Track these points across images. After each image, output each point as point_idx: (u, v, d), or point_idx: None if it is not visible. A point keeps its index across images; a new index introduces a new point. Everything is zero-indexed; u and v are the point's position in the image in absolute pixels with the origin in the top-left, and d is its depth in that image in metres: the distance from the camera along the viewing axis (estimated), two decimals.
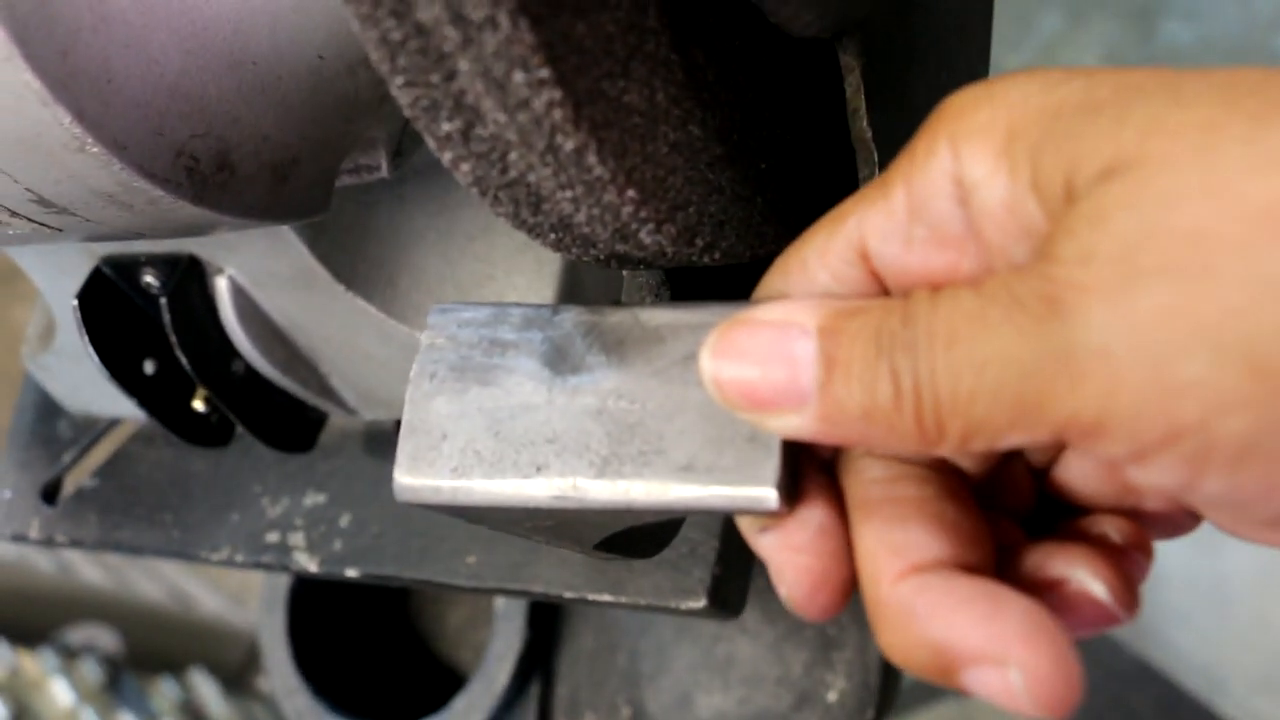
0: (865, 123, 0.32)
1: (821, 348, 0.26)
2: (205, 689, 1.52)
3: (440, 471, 0.31)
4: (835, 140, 0.34)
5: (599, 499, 0.29)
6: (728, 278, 0.38)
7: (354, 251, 0.47)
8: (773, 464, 0.28)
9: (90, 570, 1.59)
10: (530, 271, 0.48)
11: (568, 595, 0.50)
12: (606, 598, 0.49)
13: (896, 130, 0.33)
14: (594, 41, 0.27)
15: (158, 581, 1.66)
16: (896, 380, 0.25)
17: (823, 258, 0.29)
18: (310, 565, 0.54)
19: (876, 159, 0.33)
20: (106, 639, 1.47)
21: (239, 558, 0.56)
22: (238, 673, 1.59)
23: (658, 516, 0.30)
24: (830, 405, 0.26)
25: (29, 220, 0.38)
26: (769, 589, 0.67)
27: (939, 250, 0.27)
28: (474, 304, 0.32)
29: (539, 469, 0.30)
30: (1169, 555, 1.33)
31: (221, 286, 0.49)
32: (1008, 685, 0.25)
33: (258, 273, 0.48)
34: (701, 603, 0.48)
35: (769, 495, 0.28)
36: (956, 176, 0.26)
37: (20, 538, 0.61)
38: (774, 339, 0.27)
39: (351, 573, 0.54)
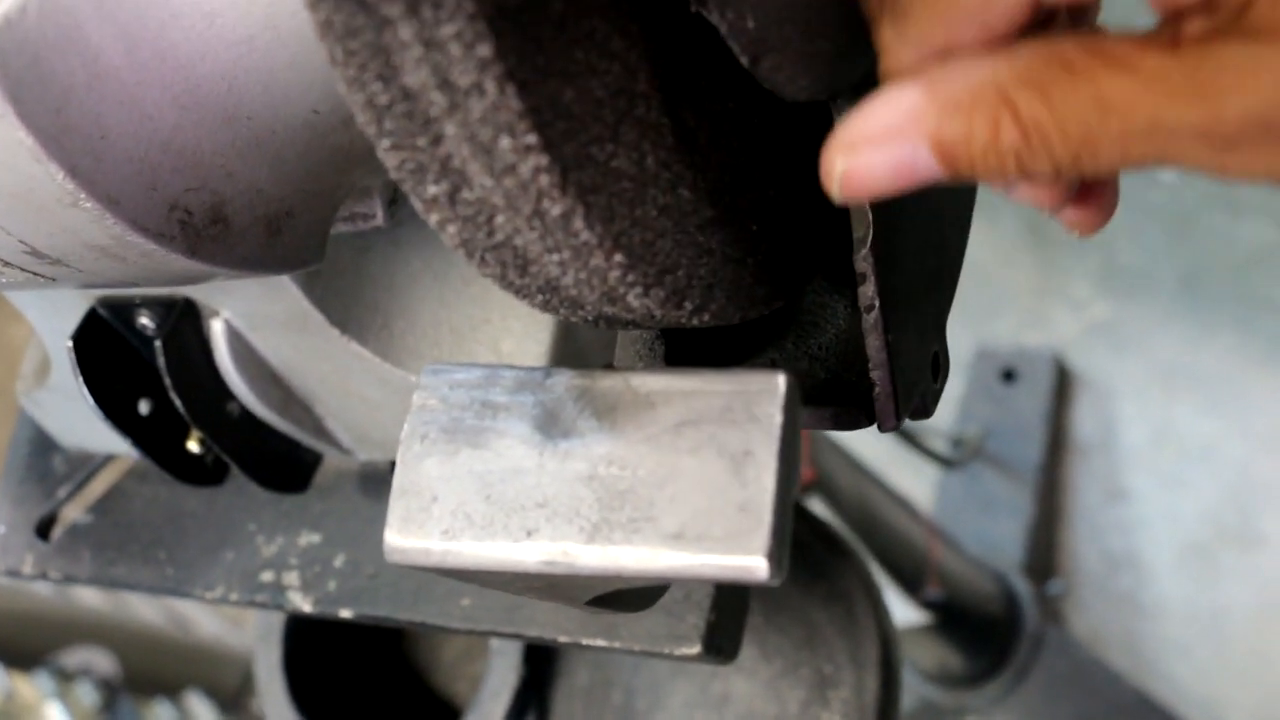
0: None
1: None
2: (201, 711, 1.51)
3: (430, 534, 0.30)
4: (828, 201, 0.34)
5: (589, 565, 0.29)
6: (723, 333, 0.38)
7: (349, 295, 0.47)
8: (763, 533, 0.28)
9: (87, 593, 1.59)
10: (526, 316, 0.48)
11: (562, 639, 0.50)
12: (600, 642, 0.49)
13: None
14: (582, 107, 0.27)
15: (155, 604, 1.66)
16: None
17: None
18: (304, 605, 0.54)
19: (870, 219, 0.33)
20: (103, 662, 1.46)
21: (233, 596, 0.56)
22: (234, 695, 1.59)
23: (647, 582, 0.30)
24: None
25: (22, 270, 0.38)
26: (765, 626, 0.67)
27: None
28: (466, 365, 0.32)
29: (529, 534, 0.30)
30: (1168, 588, 1.33)
31: (217, 329, 0.49)
32: None
33: (253, 316, 0.48)
34: (696, 649, 0.48)
35: (759, 565, 0.28)
36: None
37: (14, 573, 0.61)
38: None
39: (346, 613, 0.54)
